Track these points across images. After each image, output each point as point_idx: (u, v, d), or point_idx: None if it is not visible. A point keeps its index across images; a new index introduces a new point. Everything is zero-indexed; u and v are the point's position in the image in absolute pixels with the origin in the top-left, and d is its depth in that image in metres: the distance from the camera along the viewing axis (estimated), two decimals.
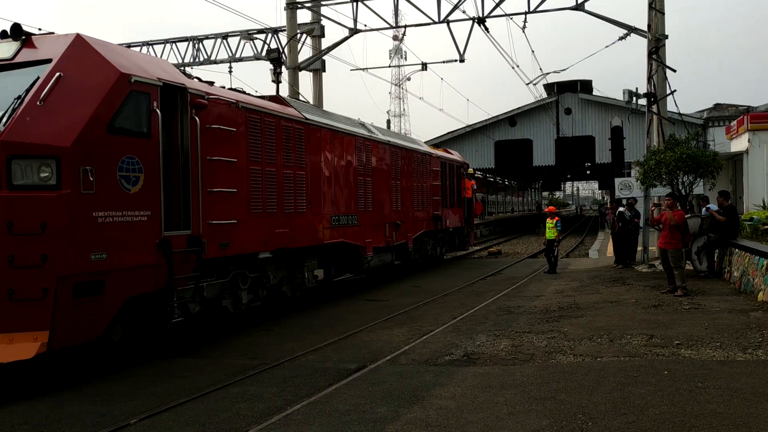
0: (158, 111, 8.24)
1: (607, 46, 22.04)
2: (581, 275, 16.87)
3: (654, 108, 19.16)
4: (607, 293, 13.17)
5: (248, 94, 11.10)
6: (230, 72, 26.03)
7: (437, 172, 20.21)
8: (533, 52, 27.14)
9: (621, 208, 18.97)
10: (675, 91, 19.13)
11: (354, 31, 23.81)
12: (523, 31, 22.94)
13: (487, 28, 21.88)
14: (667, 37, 19.15)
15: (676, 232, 12.74)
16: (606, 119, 38.78)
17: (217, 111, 9.54)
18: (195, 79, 9.86)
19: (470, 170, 24.99)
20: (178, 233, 8.63)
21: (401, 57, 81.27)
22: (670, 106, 19.88)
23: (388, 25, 24.58)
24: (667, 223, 12.74)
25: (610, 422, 5.51)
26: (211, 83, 10.24)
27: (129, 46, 25.15)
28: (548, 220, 18.50)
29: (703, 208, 16.36)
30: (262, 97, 11.79)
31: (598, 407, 5.91)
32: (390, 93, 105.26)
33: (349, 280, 17.21)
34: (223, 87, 10.62)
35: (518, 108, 45.36)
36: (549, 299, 12.76)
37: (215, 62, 27.06)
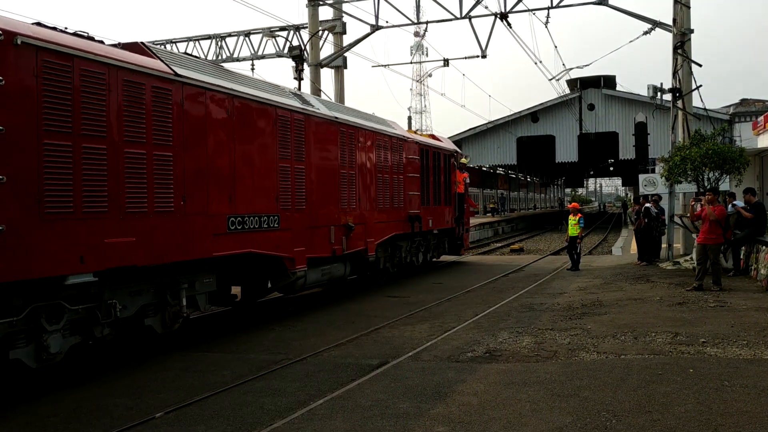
0: None
1: (631, 41, 21.69)
2: (604, 272, 16.74)
3: (679, 103, 18.92)
4: (631, 290, 13.06)
5: (80, 36, 7.62)
6: (252, 69, 26.17)
7: (416, 162, 16.60)
8: (556, 47, 26.94)
9: (647, 204, 18.78)
10: (701, 86, 18.87)
11: (375, 28, 23.82)
12: (546, 27, 22.88)
13: (509, 24, 21.79)
14: (692, 31, 18.89)
15: (717, 227, 12.74)
16: (630, 115, 38.40)
17: None
18: None
19: (464, 160, 21.67)
20: None
21: (423, 53, 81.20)
22: (696, 102, 19.61)
23: (409, 22, 24.54)
24: (707, 218, 12.70)
25: (635, 420, 5.48)
26: None
27: (155, 43, 25.45)
28: (571, 217, 18.38)
29: (730, 205, 16.15)
30: (116, 45, 8.32)
31: (622, 405, 5.87)
32: (411, 89, 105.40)
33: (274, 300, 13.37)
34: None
35: (541, 104, 45.06)
36: (572, 296, 12.68)
37: (238, 60, 27.23)
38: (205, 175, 8.97)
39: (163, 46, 26.70)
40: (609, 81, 44.32)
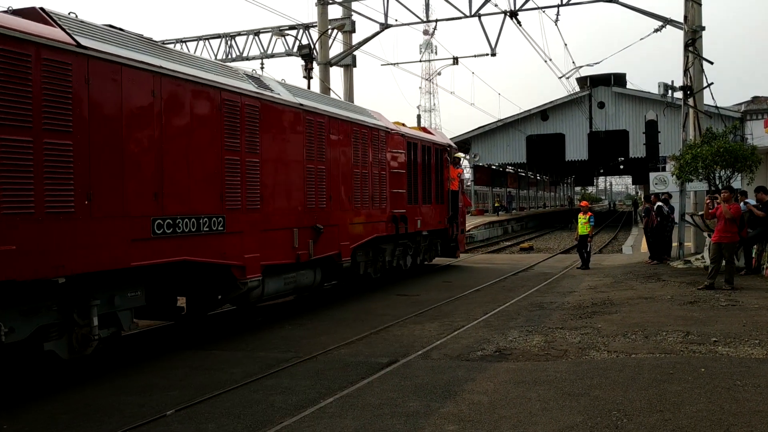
0: None
1: (641, 39, 21.56)
2: (615, 271, 16.67)
3: (690, 101, 18.79)
4: (642, 289, 13.00)
5: None
6: (262, 68, 26.25)
7: (401, 156, 15.15)
8: (566, 45, 26.84)
9: (659, 203, 18.69)
10: (712, 83, 18.73)
11: (385, 26, 23.80)
12: (556, 24, 22.74)
13: (519, 22, 21.72)
14: (704, 28, 18.76)
15: (733, 225, 12.69)
16: (640, 113, 38.23)
17: None
18: None
19: (458, 154, 19.87)
20: None
21: (432, 51, 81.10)
22: (707, 99, 19.48)
23: (419, 20, 24.52)
24: (723, 216, 12.62)
25: (646, 419, 5.45)
26: None
27: (165, 42, 25.51)
28: (581, 216, 18.32)
29: (742, 203, 16.04)
30: (6, 11, 7.02)
31: (633, 404, 5.84)
32: (420, 88, 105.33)
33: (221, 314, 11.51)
34: None
35: (550, 102, 44.96)
36: (582, 295, 12.64)
37: (247, 59, 27.30)
38: (120, 169, 7.39)
39: (173, 46, 26.85)
40: (619, 79, 44.15)
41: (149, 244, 7.79)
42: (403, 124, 16.55)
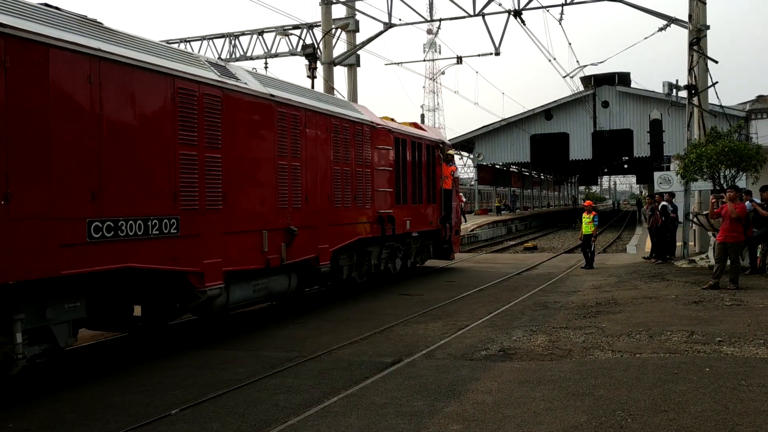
0: None
1: (646, 38, 21.52)
2: (619, 270, 16.65)
3: (695, 100, 18.75)
4: (646, 289, 12.98)
5: None
6: (266, 67, 26.31)
7: (388, 153, 14.20)
8: (570, 44, 26.79)
9: (664, 202, 18.65)
10: (717, 82, 18.70)
11: (388, 26, 23.80)
12: (560, 23, 22.66)
13: (523, 21, 21.68)
14: (708, 27, 18.71)
15: (738, 224, 12.65)
16: (645, 112, 38.13)
17: None
18: None
19: (450, 151, 18.56)
20: None
21: (436, 51, 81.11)
22: (712, 99, 19.46)
23: (422, 19, 24.52)
24: (728, 216, 12.59)
25: (650, 419, 5.44)
26: None
27: (169, 42, 25.61)
28: (585, 215, 18.31)
29: (746, 203, 16.01)
30: None
31: (637, 404, 5.83)
32: (424, 87, 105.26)
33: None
34: None
35: (554, 101, 44.91)
36: (586, 295, 12.63)
37: (251, 58, 27.35)
38: (46, 166, 6.49)
39: (177, 45, 26.91)
40: (623, 78, 44.08)
41: (85, 250, 6.84)
42: (392, 119, 15.82)
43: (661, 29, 20.12)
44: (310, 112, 11.19)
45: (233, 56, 27.62)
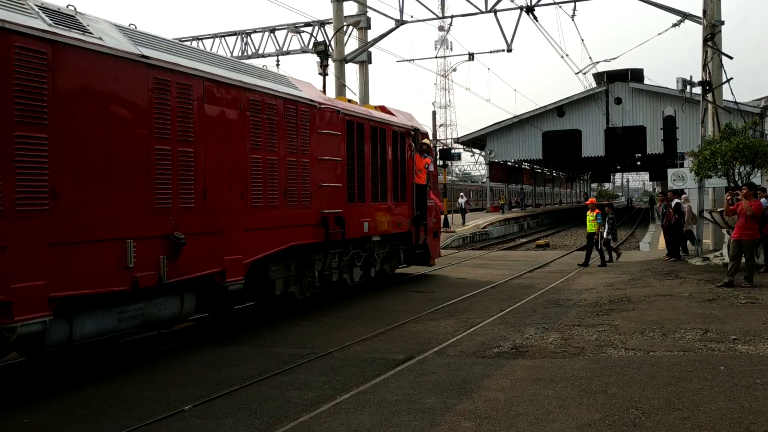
0: None
1: (659, 34, 21.40)
2: (632, 268, 16.55)
3: (709, 96, 18.59)
4: (660, 286, 12.90)
5: None
6: (278, 65, 26.38)
7: (336, 139, 11.61)
8: (582, 40, 26.73)
9: (677, 200, 18.52)
10: (731, 79, 18.51)
11: (400, 23, 23.77)
12: (573, 20, 22.56)
13: (535, 17, 21.60)
14: (723, 23, 18.53)
15: (753, 222, 12.56)
16: (658, 109, 37.91)
17: None
18: None
19: (427, 140, 15.76)
20: None
21: (447, 47, 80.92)
22: (726, 95, 19.25)
23: (434, 16, 24.50)
24: (743, 213, 12.50)
25: (664, 417, 5.41)
26: None
27: (181, 40, 25.75)
28: (588, 213, 18.22)
29: (762, 199, 15.86)
30: None
31: (651, 402, 5.80)
32: (436, 84, 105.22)
33: None
34: None
35: (567, 98, 44.72)
36: (599, 292, 12.56)
37: (263, 56, 27.40)
38: None
39: (189, 43, 27.00)
40: (636, 74, 43.82)
41: None
42: (350, 100, 13.82)
43: (675, 25, 19.98)
44: (211, 82, 8.68)
45: (245, 54, 27.68)
